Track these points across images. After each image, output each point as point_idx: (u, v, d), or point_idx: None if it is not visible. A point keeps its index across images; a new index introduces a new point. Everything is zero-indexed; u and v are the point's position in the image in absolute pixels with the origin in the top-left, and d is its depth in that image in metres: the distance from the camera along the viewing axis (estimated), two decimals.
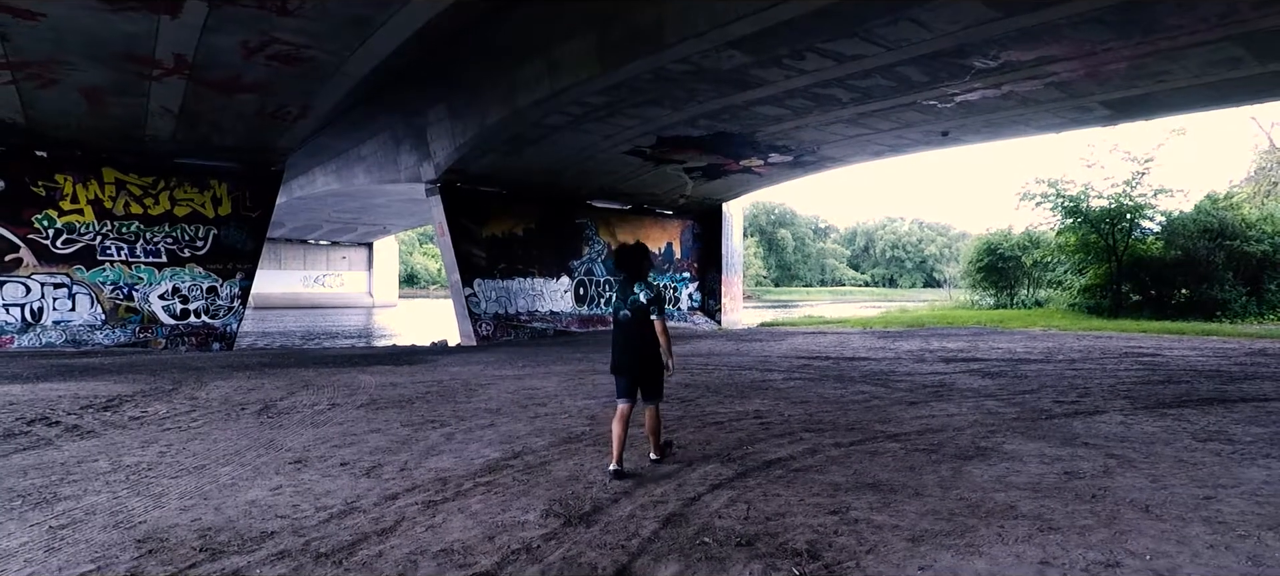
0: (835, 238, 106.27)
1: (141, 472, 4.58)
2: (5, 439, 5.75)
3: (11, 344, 14.05)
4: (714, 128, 17.11)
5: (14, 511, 3.84)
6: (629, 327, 4.57)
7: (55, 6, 9.64)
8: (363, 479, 4.33)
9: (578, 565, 2.92)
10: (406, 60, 14.94)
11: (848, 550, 3.02)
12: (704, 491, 3.91)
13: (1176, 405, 6.42)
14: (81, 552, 3.18)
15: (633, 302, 4.57)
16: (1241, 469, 4.21)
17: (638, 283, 4.67)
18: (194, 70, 11.90)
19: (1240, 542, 3.04)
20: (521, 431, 5.68)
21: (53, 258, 14.63)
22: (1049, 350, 11.70)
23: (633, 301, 4.57)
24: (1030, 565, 2.83)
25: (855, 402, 6.97)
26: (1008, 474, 4.17)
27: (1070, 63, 12.30)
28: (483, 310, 20.40)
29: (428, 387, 8.48)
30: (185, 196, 16.13)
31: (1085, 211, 19.48)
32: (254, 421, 6.38)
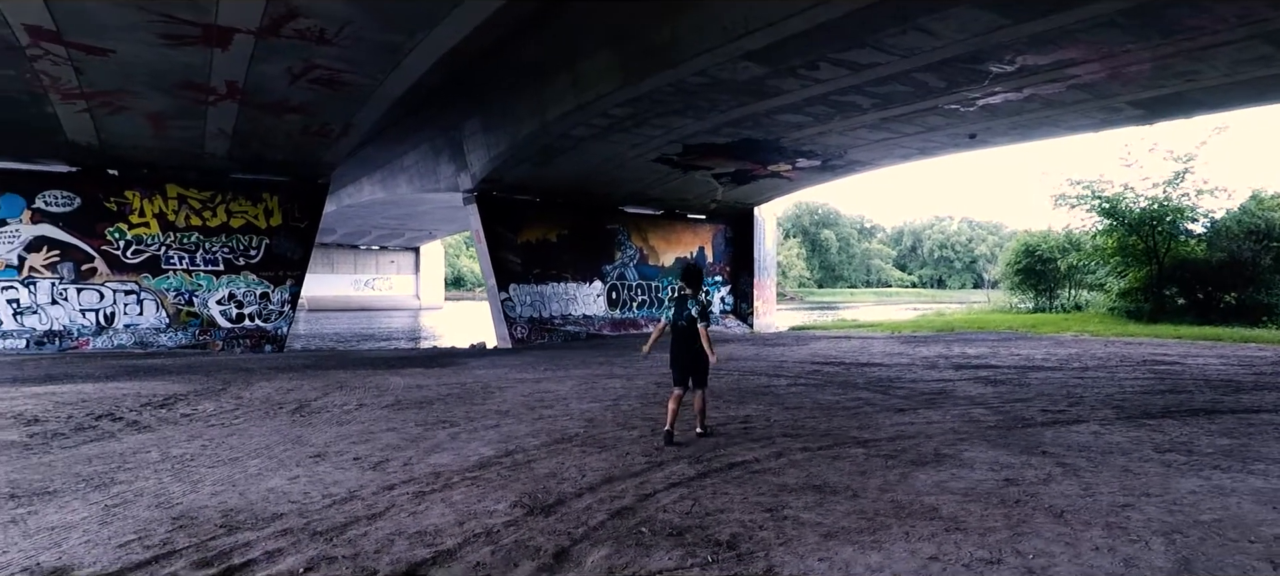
0: (881, 238, 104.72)
1: (184, 462, 5.27)
2: (76, 432, 6.55)
3: (88, 345, 15.28)
4: (738, 134, 17.46)
5: (78, 492, 4.54)
6: (685, 333, 5.79)
7: (122, 43, 10.61)
8: (369, 471, 4.92)
9: (525, 547, 3.42)
10: (441, 78, 15.71)
11: (764, 542, 3.44)
12: (661, 489, 4.37)
13: (1162, 416, 6.58)
14: (127, 526, 3.83)
15: (686, 315, 5.79)
16: (1179, 479, 4.45)
17: (691, 300, 5.84)
18: (245, 95, 12.86)
19: (1127, 546, 3.33)
20: (520, 432, 6.22)
21: (123, 266, 15.86)
22: (1068, 357, 11.73)
23: (686, 315, 5.79)
24: (920, 559, 3.20)
25: (845, 409, 7.31)
26: (951, 480, 4.50)
27: (1090, 65, 12.30)
28: (518, 314, 21.13)
29: (449, 390, 9.11)
30: (240, 209, 17.24)
31: (1124, 213, 19.14)
32: (288, 419, 7.08)
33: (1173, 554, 3.21)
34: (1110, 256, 19.71)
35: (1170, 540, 3.37)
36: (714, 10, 11.24)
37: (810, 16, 10.28)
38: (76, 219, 15.35)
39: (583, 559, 3.27)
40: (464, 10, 9.98)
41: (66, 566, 3.31)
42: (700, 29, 11.65)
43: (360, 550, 3.40)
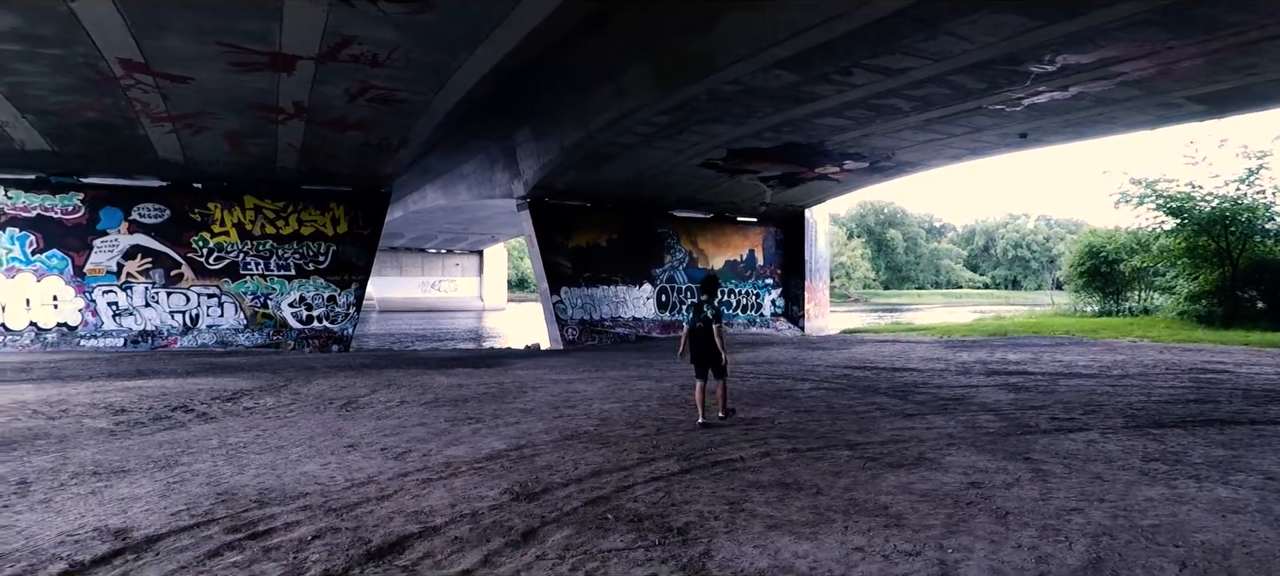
0: (951, 237, 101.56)
1: (237, 449, 5.99)
2: (154, 421, 7.43)
3: (175, 344, 16.71)
4: (780, 139, 17.64)
5: (147, 471, 5.28)
6: (702, 333, 6.91)
7: (201, 72, 11.70)
8: (391, 460, 5.51)
9: (500, 526, 3.90)
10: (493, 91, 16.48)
11: (711, 530, 3.81)
12: (640, 482, 4.78)
13: (1173, 425, 6.56)
14: (180, 499, 4.51)
15: (703, 318, 6.92)
16: (1145, 488, 4.56)
17: (707, 304, 6.97)
18: (310, 113, 13.90)
19: (1050, 546, 3.53)
20: (536, 429, 6.74)
21: (206, 272, 17.26)
22: (1111, 364, 11.51)
23: (703, 317, 6.92)
24: (846, 549, 3.51)
25: (853, 413, 7.54)
26: (917, 482, 4.75)
27: (1137, 62, 12.02)
28: (569, 316, 21.80)
29: (486, 389, 9.74)
30: (309, 218, 18.47)
31: (1191, 212, 18.33)
32: (334, 414, 7.81)
33: (1090, 554, 3.41)
34: (1178, 258, 18.89)
35: (1096, 541, 3.57)
36: (744, 21, 11.54)
37: (831, 28, 10.49)
38: (166, 229, 16.81)
39: (547, 537, 3.73)
40: (500, 33, 10.60)
41: (128, 528, 3.98)
42: (732, 39, 11.97)
43: (361, 524, 3.96)
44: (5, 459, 5.66)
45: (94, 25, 9.97)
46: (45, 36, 10.32)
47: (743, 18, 11.51)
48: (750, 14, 11.40)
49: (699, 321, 6.94)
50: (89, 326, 16.12)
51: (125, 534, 3.90)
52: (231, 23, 10.11)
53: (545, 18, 10.34)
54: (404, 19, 10.01)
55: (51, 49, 10.77)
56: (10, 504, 4.51)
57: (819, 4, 10.36)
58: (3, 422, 7.16)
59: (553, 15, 10.26)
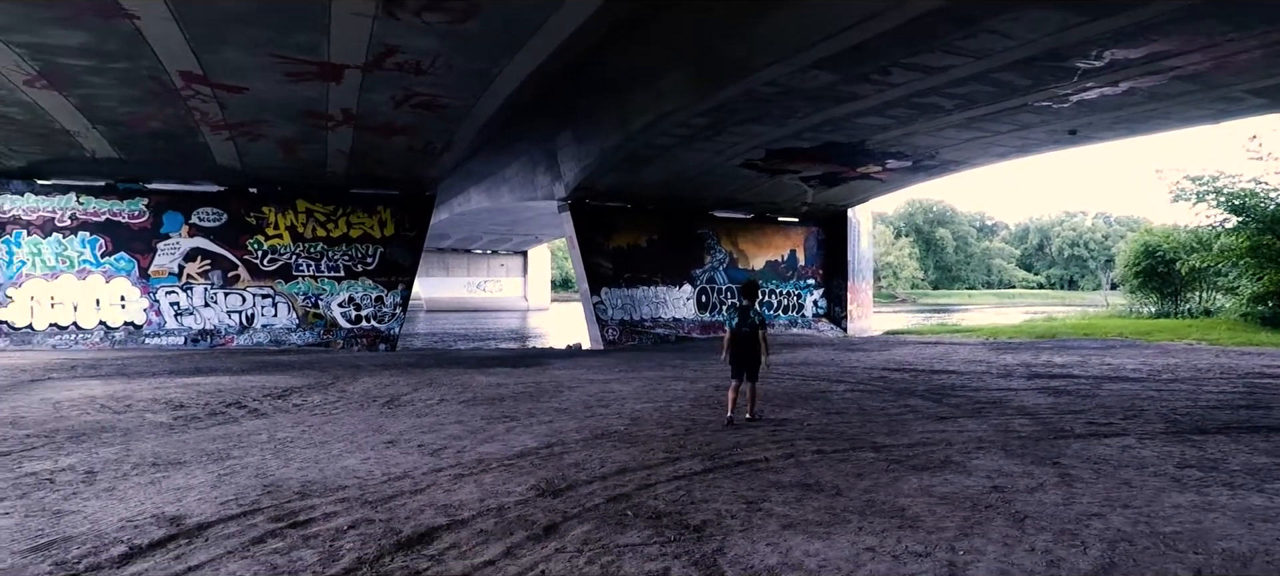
0: (1003, 236, 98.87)
1: (284, 444, 6.31)
2: (210, 416, 7.85)
3: (232, 342, 17.45)
4: (821, 138, 17.51)
5: (201, 463, 5.62)
6: (747, 336, 7.16)
7: (255, 82, 12.23)
8: (427, 456, 5.74)
9: (524, 520, 4.06)
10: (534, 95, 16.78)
11: (727, 528, 3.90)
12: (663, 481, 4.90)
13: (1217, 432, 6.38)
14: (230, 490, 4.81)
15: (749, 323, 7.18)
16: (1175, 494, 4.48)
17: (751, 310, 7.24)
18: (358, 120, 14.38)
19: (1064, 550, 3.52)
20: (568, 427, 6.91)
21: (261, 273, 17.98)
22: (1162, 368, 11.16)
23: (750, 322, 7.18)
24: (856, 549, 3.57)
25: (885, 415, 7.51)
26: (940, 485, 4.75)
27: (1191, 56, 11.62)
28: (609, 316, 22.01)
29: (524, 388, 9.97)
30: (358, 220, 19.07)
31: (1255, 210, 17.57)
32: (377, 411, 8.12)
33: (1103, 559, 3.40)
34: (1240, 258, 18.12)
35: (1112, 547, 3.55)
36: (779, 23, 11.54)
37: (866, 28, 10.43)
38: (224, 232, 17.57)
39: (567, 532, 3.88)
40: (538, 40, 10.82)
41: (181, 515, 4.27)
42: (768, 41, 11.98)
43: (394, 516, 4.17)
44: (75, 450, 6.08)
45: (156, 40, 10.51)
46: (112, 51, 10.91)
47: (778, 19, 11.51)
48: (785, 15, 11.39)
49: (744, 326, 7.19)
50: (153, 325, 16.97)
51: (179, 521, 4.19)
52: (284, 36, 10.54)
53: (581, 23, 10.51)
54: (445, 28, 10.30)
55: (118, 63, 11.38)
56: (78, 491, 4.87)
57: (854, 4, 10.31)
58: (74, 416, 7.66)
59: (589, 20, 10.42)
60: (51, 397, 8.87)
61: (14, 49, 10.68)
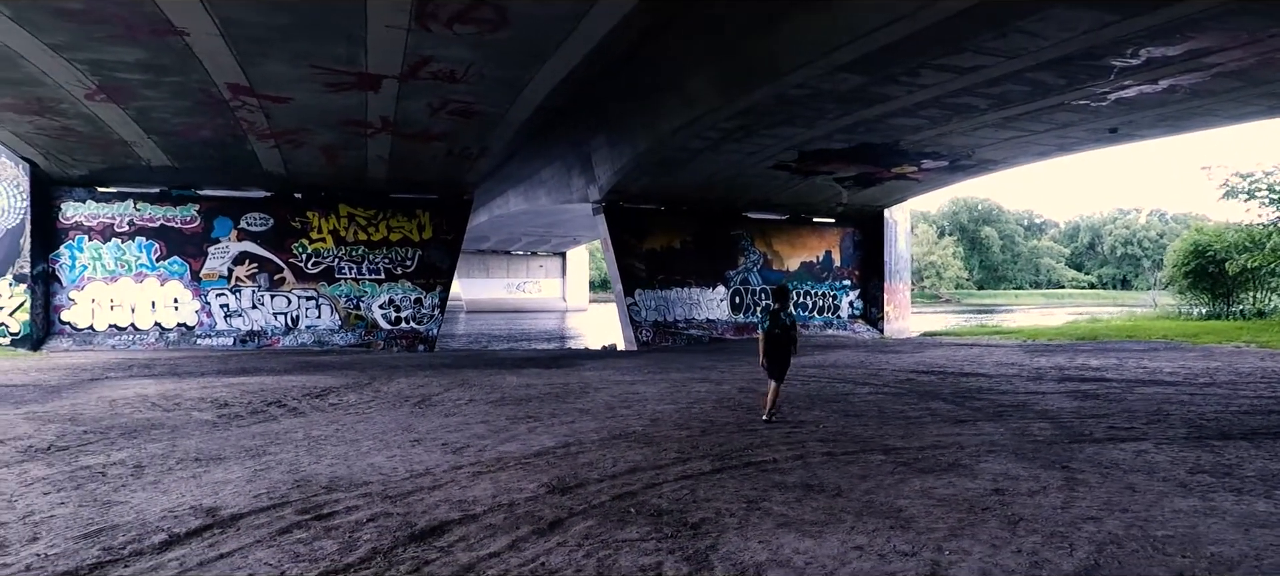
0: (1052, 234, 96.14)
1: (318, 441, 6.65)
2: (251, 415, 8.28)
3: (278, 343, 18.13)
4: (853, 139, 17.41)
5: (240, 459, 5.98)
6: (780, 339, 7.44)
7: (298, 93, 12.75)
8: (449, 455, 6.01)
9: (532, 516, 4.27)
10: (567, 100, 17.10)
11: (723, 526, 4.05)
12: (671, 480, 5.06)
13: (1240, 437, 6.27)
14: (263, 484, 5.13)
15: (781, 325, 7.45)
16: (1177, 499, 4.46)
17: (783, 313, 7.52)
18: (396, 127, 14.85)
19: (1051, 552, 3.56)
20: (587, 428, 7.11)
21: (305, 276, 18.64)
22: (1200, 372, 10.89)
23: (781, 325, 7.45)
24: (846, 548, 3.67)
25: (903, 418, 7.54)
26: (941, 487, 4.81)
27: (1231, 53, 11.30)
28: (642, 318, 22.20)
29: (552, 389, 10.22)
30: (398, 224, 19.62)
31: None
32: (408, 410, 8.45)
33: (1087, 561, 3.45)
34: None
35: (1099, 549, 3.59)
36: (803, 25, 11.57)
37: (892, 30, 10.40)
38: (270, 237, 18.27)
39: (571, 527, 4.07)
40: (566, 48, 11.07)
41: (217, 507, 4.60)
42: (793, 44, 12.02)
43: (411, 510, 4.43)
44: (126, 446, 6.51)
45: (205, 55, 11.05)
46: (166, 65, 11.51)
47: (802, 22, 11.54)
48: (810, 18, 11.42)
49: (777, 328, 7.47)
50: (204, 326, 17.75)
51: (215, 512, 4.51)
52: (322, 48, 10.99)
53: (608, 31, 10.71)
54: (476, 38, 10.62)
55: (171, 77, 11.99)
56: (127, 484, 5.25)
57: (879, 7, 10.30)
58: (127, 414, 8.16)
59: (615, 28, 10.62)
60: (108, 395, 9.44)
61: (76, 65, 11.34)
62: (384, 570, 3.51)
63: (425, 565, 3.57)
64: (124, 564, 3.70)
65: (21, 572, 3.56)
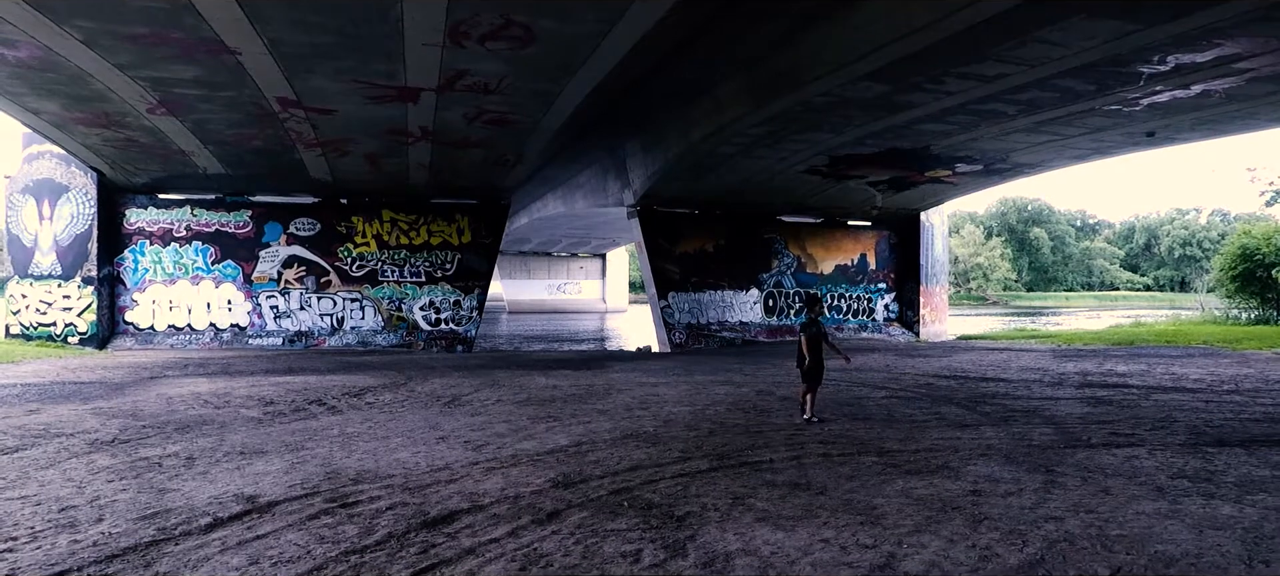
0: (1106, 235, 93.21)
1: (351, 438, 7.20)
2: (294, 412, 8.90)
3: (324, 343, 19.00)
4: (884, 144, 17.48)
5: (279, 453, 6.54)
6: (814, 344, 7.93)
7: (342, 105, 13.47)
8: (469, 451, 6.47)
9: (533, 507, 4.68)
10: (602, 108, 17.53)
11: (705, 520, 4.39)
12: (668, 477, 5.42)
13: (1236, 444, 6.33)
14: (298, 475, 5.66)
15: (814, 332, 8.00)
16: (1145, 503, 4.62)
17: (814, 322, 8.11)
18: (435, 136, 15.50)
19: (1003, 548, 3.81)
20: (602, 428, 7.51)
21: (350, 279, 19.49)
22: (1227, 378, 10.76)
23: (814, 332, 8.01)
24: (812, 541, 3.97)
25: (908, 422, 7.75)
26: (922, 488, 5.06)
27: (1262, 58, 11.16)
28: (676, 320, 22.55)
29: (576, 391, 10.66)
30: (438, 229, 20.35)
31: None
32: (438, 409, 8.98)
33: (1033, 557, 3.70)
34: None
35: (1050, 547, 3.83)
36: (825, 38, 11.80)
37: (911, 41, 10.57)
38: (317, 241, 19.17)
39: (566, 517, 4.47)
40: (595, 60, 11.50)
41: (257, 495, 5.13)
42: (815, 54, 12.26)
43: (427, 500, 4.88)
44: (180, 439, 7.15)
45: (256, 72, 11.80)
46: (220, 82, 12.31)
47: (822, 35, 11.78)
48: (831, 29, 11.64)
49: (806, 335, 8.08)
50: (255, 327, 18.73)
51: (254, 499, 5.04)
52: (364, 65, 11.64)
53: (633, 45, 11.10)
54: (508, 54, 11.13)
55: (225, 92, 12.81)
56: (180, 474, 5.84)
57: (896, 20, 10.48)
58: (182, 410, 8.86)
59: (641, 42, 10.98)
60: (165, 393, 10.21)
61: (138, 82, 12.21)
62: (396, 552, 3.96)
63: (432, 548, 4.00)
64: (175, 542, 4.23)
65: (89, 547, 4.12)
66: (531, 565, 3.72)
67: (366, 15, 9.80)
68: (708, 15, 12.48)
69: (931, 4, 9.94)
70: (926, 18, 10.12)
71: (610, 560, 3.78)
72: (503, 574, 3.63)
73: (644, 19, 10.14)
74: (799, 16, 11.65)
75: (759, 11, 11.74)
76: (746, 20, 12.28)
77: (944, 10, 9.91)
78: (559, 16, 9.92)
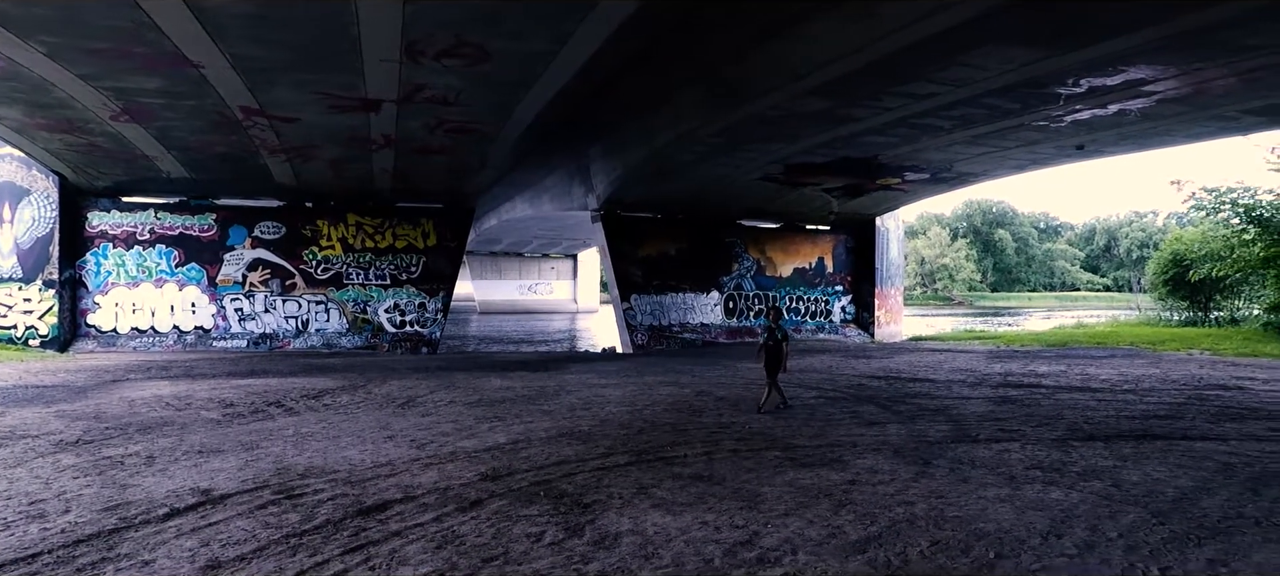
0: (1068, 237, 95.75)
1: (305, 437, 7.70)
2: (252, 414, 9.36)
3: (289, 345, 19.32)
4: (834, 154, 18.25)
5: (235, 452, 7.04)
6: (773, 349, 9.35)
7: (305, 114, 13.86)
8: (413, 449, 7.02)
9: (459, 496, 5.26)
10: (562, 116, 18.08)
11: (608, 506, 5.01)
12: (588, 471, 6.02)
13: (1100, 438, 7.11)
14: (251, 472, 6.18)
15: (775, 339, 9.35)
16: (993, 489, 5.33)
17: (777, 329, 9.37)
18: (398, 143, 15.94)
19: (851, 526, 4.49)
20: (541, 427, 8.10)
21: (315, 282, 19.82)
22: (1135, 378, 11.64)
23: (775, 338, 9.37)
24: (694, 522, 4.61)
25: (824, 420, 8.46)
26: (808, 478, 5.73)
27: (1166, 83, 12.03)
28: (639, 322, 23.19)
29: (528, 391, 11.22)
30: (403, 232, 20.76)
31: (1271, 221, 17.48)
32: (391, 411, 9.49)
33: (872, 532, 4.38)
34: (1255, 268, 18.01)
35: (892, 525, 4.51)
36: (777, 53, 12.46)
37: (848, 62, 11.29)
38: (282, 244, 19.48)
39: (487, 505, 5.06)
40: (549, 76, 12.06)
41: (210, 488, 5.65)
42: (762, 70, 12.95)
43: (365, 492, 5.44)
44: (141, 440, 7.61)
45: (219, 83, 12.18)
46: (183, 92, 12.66)
47: (771, 50, 12.44)
48: (777, 47, 12.32)
49: (771, 341, 9.45)
50: (220, 329, 19.01)
51: (208, 492, 5.56)
52: (325, 77, 12.07)
53: (584, 62, 11.67)
54: (463, 70, 11.64)
55: (188, 101, 13.15)
56: (140, 471, 6.32)
57: (834, 41, 11.18)
58: (144, 413, 9.29)
59: (592, 58, 11.54)
60: (128, 396, 10.60)
61: (101, 91, 12.53)
62: (331, 534, 4.52)
63: (363, 531, 4.57)
64: (135, 529, 4.75)
65: (58, 534, 4.62)
66: (447, 544, 4.31)
67: (325, 33, 10.26)
68: (663, 30, 13.12)
69: (863, 30, 10.67)
70: (859, 42, 10.85)
71: (516, 539, 4.38)
72: (421, 550, 4.21)
73: (592, 40, 10.74)
74: (751, 33, 12.32)
75: (713, 27, 12.40)
76: (701, 34, 12.93)
77: (874, 36, 10.64)
78: (510, 37, 10.47)
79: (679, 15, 11.81)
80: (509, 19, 9.86)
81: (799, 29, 11.59)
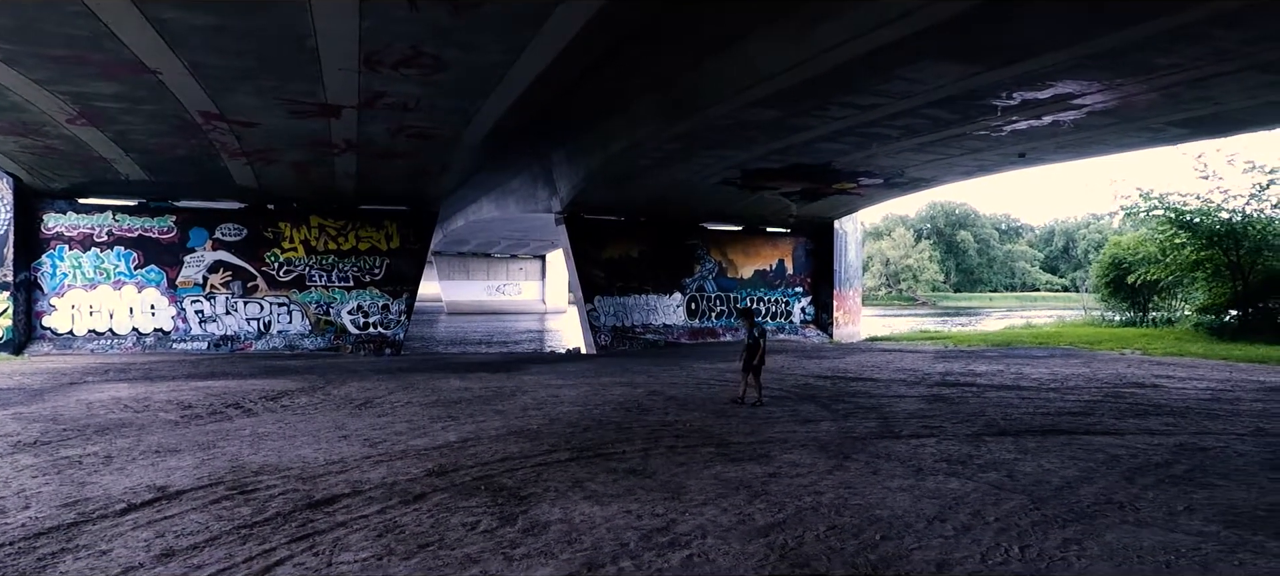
0: (1028, 238, 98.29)
1: (261, 437, 7.97)
2: (210, 415, 9.56)
3: (251, 347, 19.35)
4: (789, 160, 18.81)
5: (192, 451, 7.29)
6: (749, 346, 10.07)
7: (265, 119, 14.01)
8: (366, 448, 7.34)
9: (405, 491, 5.61)
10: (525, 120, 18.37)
11: (541, 497, 5.41)
12: (529, 466, 6.41)
13: (1012, 434, 7.68)
14: (207, 470, 6.46)
15: (751, 337, 10.09)
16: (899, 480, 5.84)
17: (752, 329, 10.08)
18: (360, 148, 16.12)
19: (760, 513, 4.95)
20: (492, 426, 8.45)
21: (277, 284, 19.88)
22: (1063, 377, 12.32)
23: (751, 337, 10.09)
24: (619, 511, 5.04)
25: (761, 419, 8.94)
26: (733, 471, 6.18)
27: (1093, 97, 12.73)
28: (602, 323, 23.58)
29: (485, 392, 11.55)
30: (366, 234, 20.89)
31: (1200, 226, 18.46)
32: (348, 412, 9.77)
33: (778, 518, 4.84)
34: (1187, 271, 19.00)
35: (797, 512, 4.97)
36: (721, 68, 12.94)
37: (793, 74, 11.78)
38: (244, 246, 19.51)
39: (429, 498, 5.42)
40: (504, 87, 12.39)
41: (167, 485, 5.92)
42: (712, 80, 13.40)
43: (315, 488, 5.77)
44: (99, 441, 7.81)
45: (178, 89, 12.31)
46: (141, 97, 12.75)
47: (721, 61, 12.90)
48: (727, 58, 12.79)
49: (750, 339, 10.14)
50: (180, 331, 18.99)
51: (164, 489, 5.83)
52: (284, 84, 12.26)
53: (539, 73, 12.03)
54: (421, 78, 11.93)
55: (147, 106, 13.24)
56: (98, 470, 6.56)
57: (779, 54, 11.68)
58: (102, 415, 9.44)
59: (547, 69, 11.90)
60: (85, 398, 10.72)
61: (57, 95, 12.58)
62: (280, 526, 4.85)
63: (310, 522, 4.91)
64: (93, 523, 5.02)
65: (18, 528, 4.89)
66: (388, 532, 4.67)
67: (282, 42, 10.48)
68: (618, 40, 13.52)
69: (805, 45, 11.18)
70: (803, 55, 11.36)
71: (453, 528, 4.75)
72: (362, 539, 4.57)
73: (546, 51, 11.11)
74: (703, 44, 12.77)
75: (667, 38, 12.84)
76: (656, 45, 13.35)
77: (815, 50, 11.15)
78: (464, 48, 10.79)
79: (631, 28, 12.23)
80: (461, 31, 10.19)
81: (747, 42, 12.09)
